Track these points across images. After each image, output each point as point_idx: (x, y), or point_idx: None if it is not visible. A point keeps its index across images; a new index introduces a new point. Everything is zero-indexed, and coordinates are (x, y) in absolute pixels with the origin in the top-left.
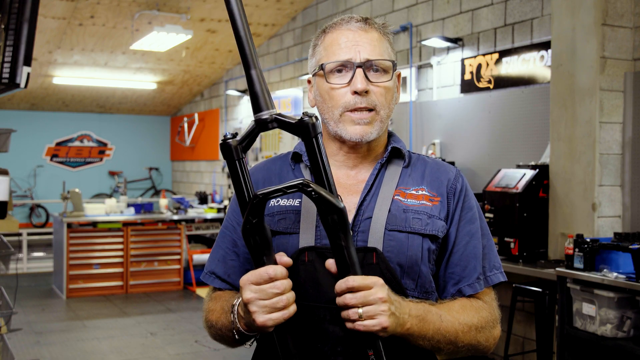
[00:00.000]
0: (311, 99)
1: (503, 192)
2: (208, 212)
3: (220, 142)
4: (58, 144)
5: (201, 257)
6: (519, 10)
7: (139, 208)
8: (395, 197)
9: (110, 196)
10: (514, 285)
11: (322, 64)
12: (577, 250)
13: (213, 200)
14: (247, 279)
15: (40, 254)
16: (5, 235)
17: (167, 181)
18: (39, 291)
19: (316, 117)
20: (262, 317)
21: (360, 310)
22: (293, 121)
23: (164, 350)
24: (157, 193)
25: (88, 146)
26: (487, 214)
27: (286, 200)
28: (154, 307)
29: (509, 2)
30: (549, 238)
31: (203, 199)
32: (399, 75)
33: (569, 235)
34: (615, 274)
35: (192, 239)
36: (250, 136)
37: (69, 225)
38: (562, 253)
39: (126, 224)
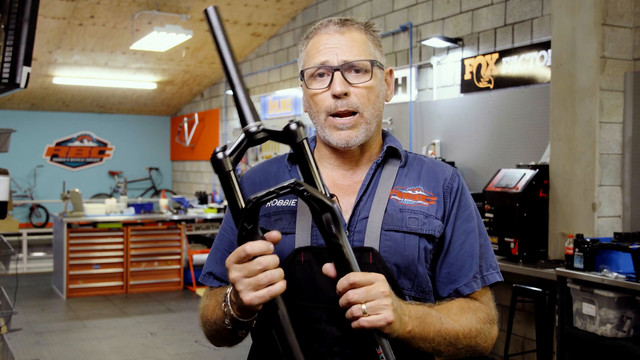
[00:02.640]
0: (304, 105)
1: (503, 192)
2: (208, 212)
3: (211, 157)
4: (58, 144)
5: (201, 257)
6: (519, 10)
7: (139, 208)
8: (392, 196)
9: (110, 196)
10: (514, 285)
11: (302, 71)
12: (577, 250)
13: (213, 200)
14: (229, 259)
15: (40, 254)
16: (5, 235)
17: (167, 181)
18: (39, 291)
19: (302, 123)
20: (248, 296)
21: (363, 307)
22: (279, 130)
23: (164, 350)
24: (157, 193)
25: (88, 146)
26: (487, 214)
27: (282, 200)
28: (154, 307)
29: (509, 2)
30: (549, 238)
31: (203, 199)
32: (390, 71)
33: (569, 235)
34: (615, 274)
35: (192, 239)
36: (240, 148)
37: (69, 225)
38: (562, 253)
39: (126, 224)
